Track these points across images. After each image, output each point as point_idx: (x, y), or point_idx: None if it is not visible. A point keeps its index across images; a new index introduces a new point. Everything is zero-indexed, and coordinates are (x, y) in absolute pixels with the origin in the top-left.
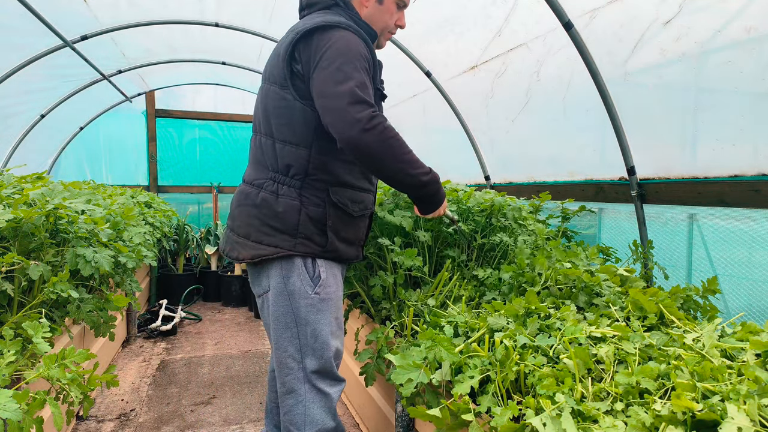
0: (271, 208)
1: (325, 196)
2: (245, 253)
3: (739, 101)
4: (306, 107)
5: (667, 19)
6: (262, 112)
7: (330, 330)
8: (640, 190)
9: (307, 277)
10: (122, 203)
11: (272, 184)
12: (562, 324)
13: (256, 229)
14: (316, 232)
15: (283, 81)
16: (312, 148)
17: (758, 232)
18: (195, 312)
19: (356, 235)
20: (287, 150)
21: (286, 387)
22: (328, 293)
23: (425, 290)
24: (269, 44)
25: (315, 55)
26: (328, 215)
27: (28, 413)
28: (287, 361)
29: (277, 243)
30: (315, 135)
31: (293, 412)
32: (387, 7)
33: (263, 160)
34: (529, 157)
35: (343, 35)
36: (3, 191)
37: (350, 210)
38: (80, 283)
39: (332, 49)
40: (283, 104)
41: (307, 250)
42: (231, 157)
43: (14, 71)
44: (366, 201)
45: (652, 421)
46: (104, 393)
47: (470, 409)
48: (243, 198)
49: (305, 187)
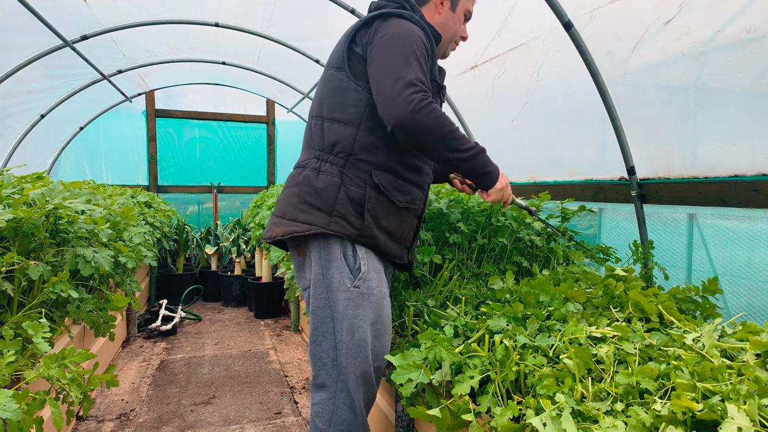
0: (311, 185)
1: (367, 178)
2: (278, 230)
3: (739, 101)
4: (359, 87)
5: (667, 19)
6: (318, 97)
7: (370, 329)
8: (640, 190)
9: (346, 268)
10: (122, 203)
11: (315, 162)
12: (562, 324)
13: (293, 207)
14: (353, 212)
15: (340, 63)
16: (360, 128)
17: (758, 232)
18: (195, 312)
19: (400, 229)
20: (335, 128)
21: (319, 380)
22: (369, 288)
23: (425, 290)
24: (269, 44)
25: (374, 37)
26: (368, 197)
27: (28, 413)
28: (321, 356)
29: (312, 220)
30: (365, 115)
31: (322, 405)
32: (458, 16)
33: (311, 142)
34: (529, 157)
35: (403, 22)
36: (3, 191)
37: (393, 197)
38: (80, 283)
39: (391, 32)
40: (336, 85)
41: (342, 231)
42: (231, 157)
43: (14, 71)
44: (413, 194)
45: (652, 421)
46: (104, 393)
47: (470, 409)
48: (288, 181)
49: (348, 165)
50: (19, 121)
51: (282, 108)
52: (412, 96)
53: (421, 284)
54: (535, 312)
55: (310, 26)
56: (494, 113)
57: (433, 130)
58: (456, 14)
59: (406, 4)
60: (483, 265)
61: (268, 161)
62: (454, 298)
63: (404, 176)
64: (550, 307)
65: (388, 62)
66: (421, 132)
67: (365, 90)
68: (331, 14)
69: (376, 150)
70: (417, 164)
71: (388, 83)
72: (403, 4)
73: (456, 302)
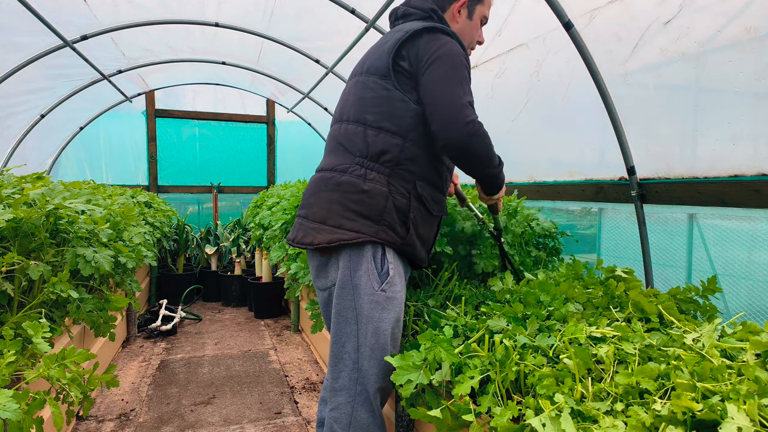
0: (357, 192)
1: (411, 188)
2: (320, 237)
3: (739, 101)
4: (406, 98)
5: (667, 19)
6: (354, 101)
7: (392, 332)
8: (640, 190)
9: (375, 272)
10: (122, 203)
11: (359, 169)
12: (562, 324)
13: (336, 213)
14: (398, 222)
15: (385, 72)
16: (407, 139)
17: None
18: (195, 312)
19: (429, 235)
20: (381, 137)
21: (338, 383)
22: (395, 292)
23: (425, 290)
24: (269, 44)
25: (424, 54)
26: (412, 207)
27: (28, 413)
28: (344, 357)
29: (360, 228)
30: (411, 126)
31: (341, 410)
32: (475, 23)
33: (350, 147)
34: (529, 157)
35: (450, 41)
36: (3, 191)
37: (430, 207)
38: (80, 283)
39: (443, 52)
40: (382, 93)
41: (389, 239)
42: (231, 157)
43: (14, 71)
44: (443, 203)
45: (652, 421)
46: (104, 393)
47: (471, 410)
48: (322, 185)
49: (394, 175)
50: (19, 121)
51: (282, 108)
52: (469, 119)
53: (420, 284)
54: (535, 312)
55: (310, 26)
56: (494, 113)
57: (482, 151)
58: (473, 21)
59: (434, 15)
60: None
61: (268, 161)
62: (454, 297)
63: (438, 186)
64: (550, 307)
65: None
66: (473, 152)
67: (413, 102)
68: (331, 14)
69: (419, 161)
70: (446, 174)
71: (447, 104)
72: (432, 15)
73: (456, 302)
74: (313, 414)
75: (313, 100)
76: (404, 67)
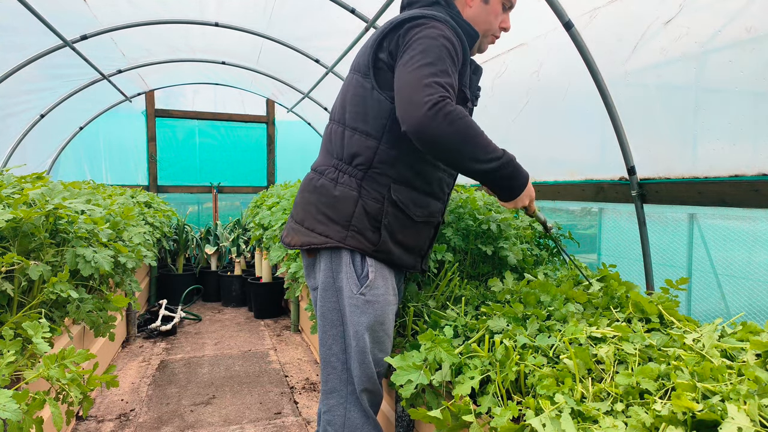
0: (328, 196)
1: (385, 192)
2: (297, 239)
3: (739, 101)
4: (382, 97)
5: (667, 19)
6: (340, 100)
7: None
8: (640, 190)
9: (354, 275)
10: (122, 203)
11: (333, 172)
12: (562, 325)
13: (311, 216)
14: (369, 227)
15: (366, 69)
16: (381, 140)
17: (758, 232)
18: (195, 312)
19: (416, 242)
20: (356, 138)
21: (328, 386)
22: (375, 296)
23: (425, 291)
24: (269, 44)
25: (402, 44)
26: (385, 213)
27: (27, 413)
28: (331, 360)
29: (328, 233)
30: (387, 127)
31: (333, 412)
32: (492, 8)
33: (330, 148)
34: (529, 157)
35: (435, 25)
36: (3, 191)
37: (411, 212)
38: (80, 283)
39: (419, 36)
40: (360, 92)
41: (357, 245)
42: (231, 157)
43: (14, 71)
44: (432, 207)
45: (652, 422)
46: (104, 393)
47: (471, 410)
48: (306, 184)
49: (367, 179)
50: (19, 121)
51: (282, 108)
52: (430, 97)
53: (420, 285)
54: (535, 312)
55: (310, 26)
56: (494, 113)
57: (455, 138)
58: (490, 6)
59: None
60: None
61: (268, 161)
62: (454, 298)
63: (423, 189)
64: (550, 307)
65: (412, 64)
66: (441, 139)
67: (388, 100)
68: (331, 14)
69: (396, 163)
70: (438, 176)
71: (407, 84)
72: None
73: (456, 302)
74: (312, 414)
75: (313, 99)
76: (384, 60)
